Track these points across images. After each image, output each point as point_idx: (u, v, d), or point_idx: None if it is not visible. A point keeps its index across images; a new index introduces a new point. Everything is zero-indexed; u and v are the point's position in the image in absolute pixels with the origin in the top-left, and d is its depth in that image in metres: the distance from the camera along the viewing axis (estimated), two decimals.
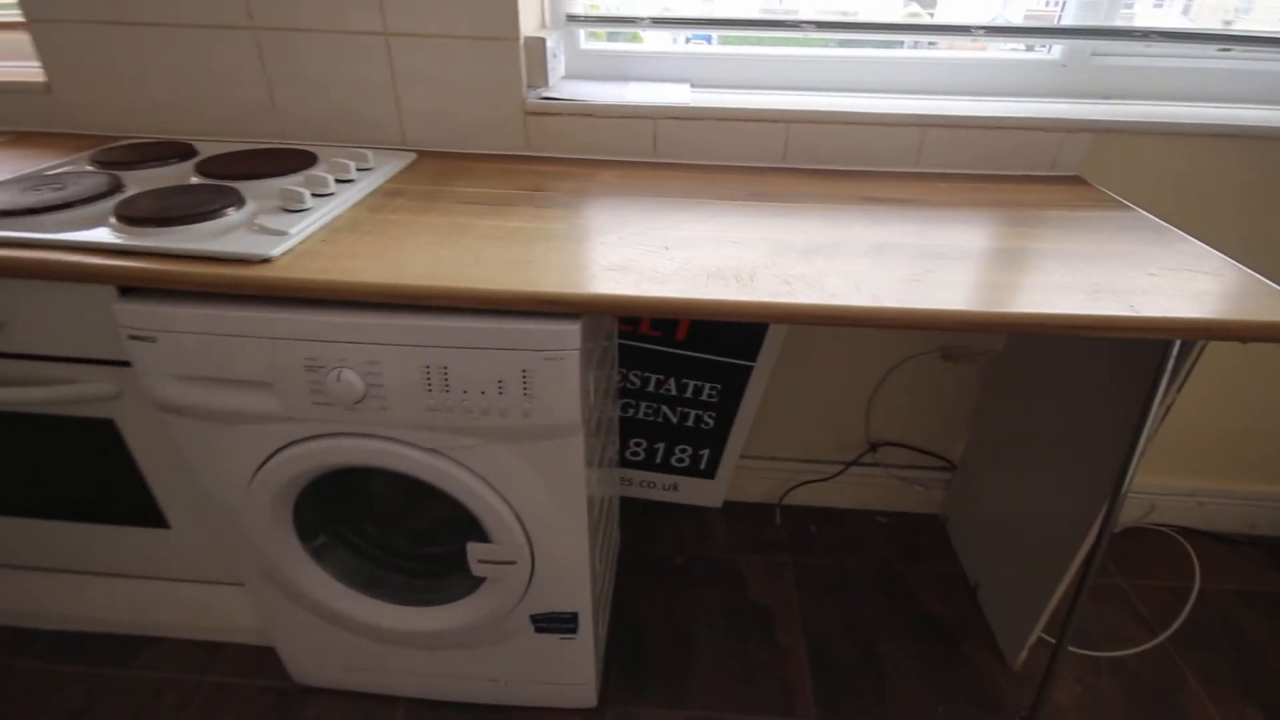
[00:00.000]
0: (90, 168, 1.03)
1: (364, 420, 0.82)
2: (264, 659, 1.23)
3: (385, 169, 1.09)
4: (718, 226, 0.93)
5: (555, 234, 0.89)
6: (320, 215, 0.89)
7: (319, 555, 0.99)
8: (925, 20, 1.32)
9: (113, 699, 1.17)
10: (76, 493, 1.01)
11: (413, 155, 1.19)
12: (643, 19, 1.28)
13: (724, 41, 1.38)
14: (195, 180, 0.99)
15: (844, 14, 1.34)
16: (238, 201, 0.90)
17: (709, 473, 1.60)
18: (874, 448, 1.57)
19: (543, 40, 1.16)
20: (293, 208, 0.89)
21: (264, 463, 0.86)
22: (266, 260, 0.78)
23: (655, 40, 1.36)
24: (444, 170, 1.13)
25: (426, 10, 1.10)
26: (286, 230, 0.83)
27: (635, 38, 1.37)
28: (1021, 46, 1.27)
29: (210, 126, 1.23)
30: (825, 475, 1.60)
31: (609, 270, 0.79)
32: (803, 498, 1.64)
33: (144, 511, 1.01)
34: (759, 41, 1.35)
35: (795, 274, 0.79)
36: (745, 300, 0.73)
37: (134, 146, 1.13)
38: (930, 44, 1.34)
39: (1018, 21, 1.26)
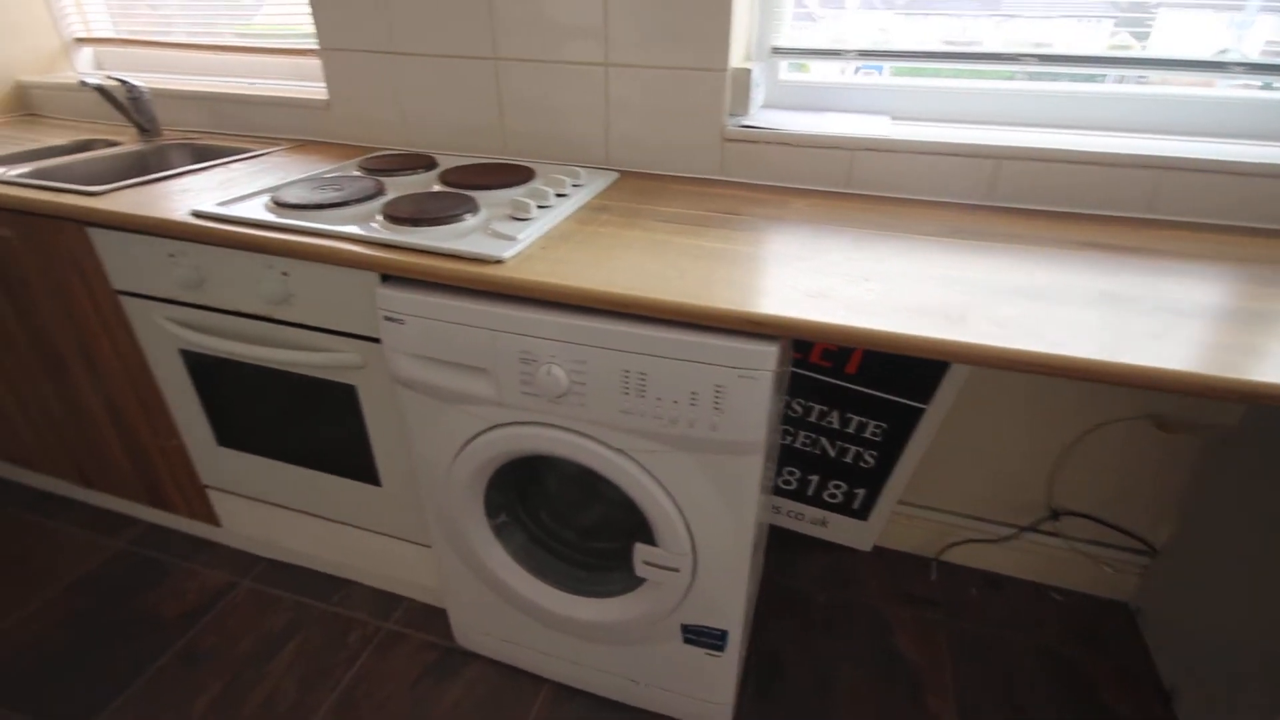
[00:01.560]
0: (358, 173, 1.23)
1: (563, 414, 0.89)
2: (433, 618, 1.37)
3: (593, 186, 1.19)
4: (919, 261, 0.91)
5: (753, 256, 0.92)
6: (541, 224, 0.98)
7: (498, 532, 1.08)
8: (1137, 53, 1.19)
9: (312, 628, 1.35)
10: (314, 444, 1.19)
11: (615, 174, 1.28)
12: (849, 51, 1.28)
13: (896, 73, 1.34)
14: (438, 188, 1.14)
15: (1038, 44, 1.25)
16: (474, 208, 1.02)
17: (862, 513, 1.54)
18: (1056, 515, 1.43)
19: (748, 71, 1.20)
20: (520, 216, 0.99)
21: (471, 440, 0.97)
22: (499, 261, 0.88)
23: (820, 70, 1.35)
24: (643, 190, 1.21)
25: (646, 43, 1.19)
26: (515, 236, 0.93)
27: (803, 68, 1.37)
28: (1257, 83, 1.11)
29: (447, 141, 1.41)
30: (994, 537, 1.48)
31: (809, 297, 0.80)
32: (964, 556, 1.53)
33: (363, 468, 1.17)
34: (935, 73, 1.30)
35: (1008, 317, 0.76)
36: (956, 340, 0.71)
37: (390, 156, 1.32)
38: (1140, 79, 1.21)
39: (1254, 56, 1.11)
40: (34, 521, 1.61)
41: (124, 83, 1.46)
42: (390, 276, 0.93)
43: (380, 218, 1.00)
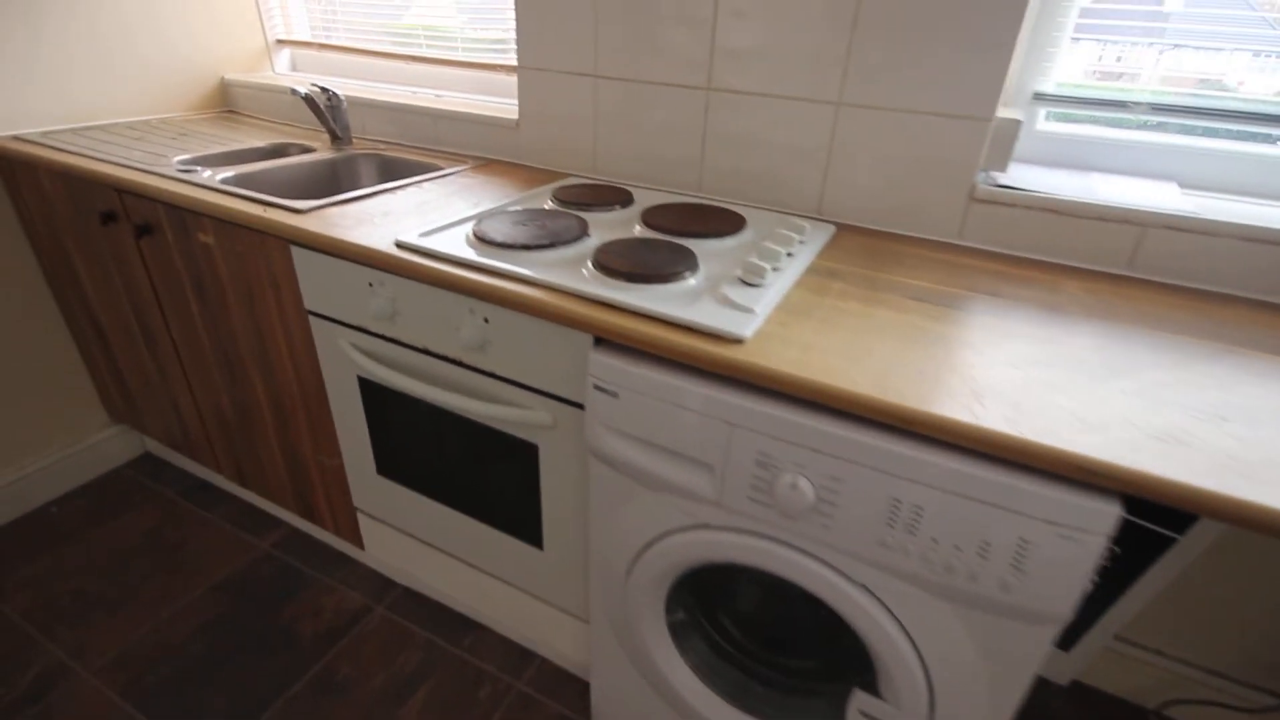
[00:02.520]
0: (553, 205, 1.13)
1: (796, 531, 0.74)
2: (566, 684, 1.26)
3: (813, 243, 1.03)
4: (1277, 392, 0.70)
5: (1045, 363, 0.73)
6: (775, 292, 0.84)
7: (675, 633, 0.95)
8: None
9: (444, 673, 1.28)
10: (478, 493, 1.11)
11: (831, 227, 1.12)
12: (1138, 103, 1.06)
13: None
14: (642, 231, 1.03)
15: (1204, 79, 1.03)
16: (693, 265, 0.90)
17: (1064, 643, 1.29)
18: None
19: (1018, 123, 1.01)
20: (753, 281, 0.85)
21: (669, 534, 0.84)
22: (739, 341, 0.74)
23: None
24: (873, 251, 1.04)
25: (894, 83, 1.03)
26: (752, 308, 0.79)
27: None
28: None
29: (636, 172, 1.30)
30: (1241, 702, 1.20)
31: (1156, 440, 0.62)
32: (1193, 717, 1.25)
33: (527, 529, 1.07)
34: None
35: None
36: None
37: (582, 187, 1.22)
38: None
39: None
40: (190, 510, 1.64)
41: (325, 90, 1.46)
42: (604, 340, 0.82)
43: (591, 266, 0.89)
